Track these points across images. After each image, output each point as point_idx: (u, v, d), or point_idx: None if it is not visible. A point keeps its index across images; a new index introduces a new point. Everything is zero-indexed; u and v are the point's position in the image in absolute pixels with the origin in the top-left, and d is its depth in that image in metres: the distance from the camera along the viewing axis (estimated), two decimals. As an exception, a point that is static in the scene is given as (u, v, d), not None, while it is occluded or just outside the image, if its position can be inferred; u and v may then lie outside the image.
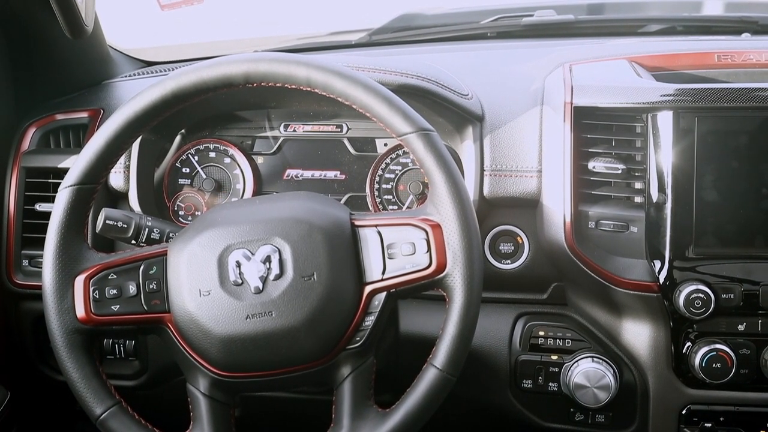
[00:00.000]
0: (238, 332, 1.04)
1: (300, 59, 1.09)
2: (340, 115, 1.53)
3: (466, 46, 1.75)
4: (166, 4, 1.60)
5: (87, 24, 1.39)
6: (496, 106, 1.44)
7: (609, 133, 1.32)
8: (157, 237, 1.21)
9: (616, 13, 1.86)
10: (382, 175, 1.52)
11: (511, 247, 1.43)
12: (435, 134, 1.08)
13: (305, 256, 1.05)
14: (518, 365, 1.42)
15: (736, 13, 1.73)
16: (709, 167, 1.26)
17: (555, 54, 1.53)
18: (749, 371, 1.30)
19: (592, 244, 1.32)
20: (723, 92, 1.27)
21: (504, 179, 1.40)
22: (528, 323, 1.44)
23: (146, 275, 1.10)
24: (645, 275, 1.30)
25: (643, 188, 1.30)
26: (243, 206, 1.17)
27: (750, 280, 1.27)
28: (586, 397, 1.35)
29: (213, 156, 1.56)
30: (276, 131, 1.56)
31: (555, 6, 1.80)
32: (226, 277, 1.06)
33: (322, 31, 2.03)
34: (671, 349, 1.33)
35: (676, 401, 1.35)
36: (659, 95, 1.29)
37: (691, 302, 1.26)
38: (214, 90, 1.11)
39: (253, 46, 1.93)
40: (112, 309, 1.09)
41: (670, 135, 1.27)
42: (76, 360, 1.08)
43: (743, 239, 1.28)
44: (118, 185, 1.47)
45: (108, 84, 1.65)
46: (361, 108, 1.08)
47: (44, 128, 1.55)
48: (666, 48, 1.51)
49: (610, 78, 1.38)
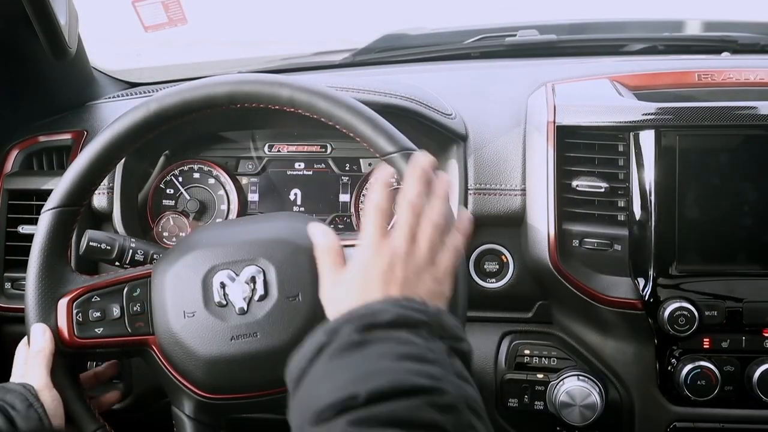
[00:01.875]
0: (222, 353, 1.04)
1: (283, 80, 1.10)
2: (324, 135, 1.53)
3: (449, 66, 1.76)
4: (149, 25, 1.59)
5: (70, 45, 1.39)
6: (479, 126, 1.44)
7: (592, 152, 1.33)
8: (141, 259, 1.20)
9: (598, 33, 1.87)
10: (366, 195, 1.52)
11: (496, 265, 1.43)
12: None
13: (290, 277, 1.05)
14: (504, 384, 1.42)
15: (716, 33, 1.75)
16: (691, 185, 1.27)
17: (538, 73, 1.54)
18: (734, 388, 1.30)
19: (576, 262, 1.32)
20: (704, 111, 1.28)
21: (488, 198, 1.40)
22: (513, 342, 1.44)
23: (130, 297, 1.09)
24: (629, 293, 1.30)
25: (626, 206, 1.31)
26: (227, 227, 1.16)
27: (733, 297, 1.28)
28: (572, 415, 1.35)
29: (197, 177, 1.56)
30: (260, 152, 1.56)
31: (537, 26, 1.81)
32: (211, 299, 1.05)
33: (305, 51, 2.04)
34: (656, 367, 1.34)
35: (661, 419, 1.36)
36: (641, 114, 1.30)
37: (675, 319, 1.26)
38: (198, 111, 1.11)
39: (236, 66, 1.93)
40: (96, 332, 1.08)
41: (652, 153, 1.28)
42: (59, 384, 1.08)
43: (726, 256, 1.29)
44: (101, 207, 1.46)
45: (91, 105, 1.64)
46: (345, 128, 1.09)
47: (27, 150, 1.54)
48: (647, 67, 1.53)
49: (592, 97, 1.39)
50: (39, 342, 1.08)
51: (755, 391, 1.28)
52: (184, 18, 1.62)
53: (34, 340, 1.08)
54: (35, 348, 1.08)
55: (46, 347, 1.08)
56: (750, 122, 1.28)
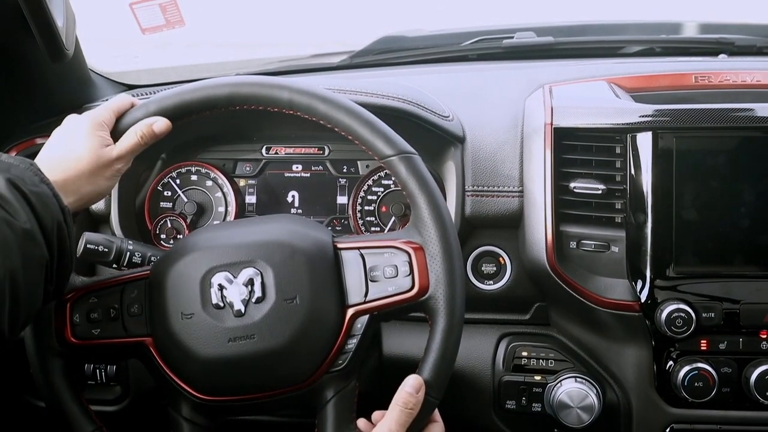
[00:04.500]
0: (220, 355, 1.04)
1: (283, 82, 1.10)
2: (321, 137, 1.53)
3: (447, 68, 1.76)
4: (147, 27, 1.59)
5: (68, 47, 1.38)
6: (477, 128, 1.45)
7: (589, 154, 1.33)
8: (138, 261, 1.20)
9: (595, 35, 1.87)
10: (364, 197, 1.52)
11: (494, 267, 1.44)
12: (417, 157, 1.08)
13: (287, 279, 1.05)
14: (501, 386, 1.42)
15: (713, 35, 1.75)
16: (688, 187, 1.27)
17: (535, 75, 1.54)
18: (731, 389, 1.31)
19: (573, 263, 1.32)
20: (701, 113, 1.29)
21: (485, 200, 1.40)
22: (511, 344, 1.44)
23: (128, 299, 1.09)
24: (626, 295, 1.30)
25: (623, 208, 1.31)
26: (225, 229, 1.16)
27: (730, 299, 1.28)
28: (569, 417, 1.35)
29: (195, 179, 1.56)
30: (258, 154, 1.56)
31: (534, 28, 1.81)
32: (209, 300, 1.05)
33: (303, 54, 2.04)
34: (653, 368, 1.34)
35: (658, 420, 1.36)
36: (638, 116, 1.30)
37: (673, 321, 1.26)
38: (197, 112, 1.11)
39: (234, 68, 1.93)
40: (93, 333, 1.08)
41: (649, 155, 1.28)
42: (56, 385, 1.08)
43: (723, 258, 1.29)
44: (99, 209, 1.46)
45: (89, 107, 1.64)
46: (343, 131, 1.09)
47: (24, 152, 1.54)
48: (644, 69, 1.53)
49: (589, 99, 1.39)
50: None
51: (752, 392, 1.29)
52: (181, 20, 1.62)
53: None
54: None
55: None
56: (747, 124, 1.29)
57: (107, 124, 1.11)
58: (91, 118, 1.10)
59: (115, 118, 1.13)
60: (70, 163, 1.06)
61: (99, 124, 1.10)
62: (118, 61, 2.12)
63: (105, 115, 1.11)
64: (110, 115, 1.12)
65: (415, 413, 1.01)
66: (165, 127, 1.11)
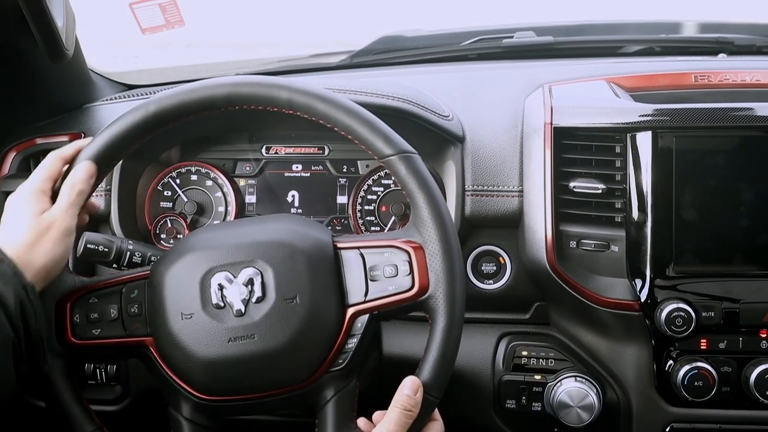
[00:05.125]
0: (220, 355, 1.04)
1: (282, 82, 1.10)
2: (321, 137, 1.53)
3: (446, 68, 1.76)
4: (147, 27, 1.59)
5: (67, 47, 1.38)
6: (476, 127, 1.45)
7: (589, 153, 1.33)
8: (138, 260, 1.20)
9: (595, 35, 1.88)
10: (364, 196, 1.52)
11: (494, 267, 1.44)
12: (417, 157, 1.08)
13: (287, 279, 1.05)
14: (501, 385, 1.42)
15: (713, 34, 1.75)
16: (688, 186, 1.28)
17: (534, 75, 1.54)
18: (731, 389, 1.31)
19: (573, 263, 1.32)
20: (701, 112, 1.29)
21: (485, 199, 1.40)
22: (511, 343, 1.44)
23: (128, 299, 1.09)
24: (626, 294, 1.30)
25: (623, 207, 1.31)
26: (225, 229, 1.16)
27: (730, 298, 1.28)
28: (569, 416, 1.35)
29: (195, 179, 1.56)
30: (258, 153, 1.56)
31: (534, 27, 1.81)
32: (209, 300, 1.05)
33: (303, 54, 2.04)
34: (653, 368, 1.34)
35: (658, 420, 1.36)
36: (638, 115, 1.30)
37: (673, 320, 1.27)
38: (196, 112, 1.11)
39: (234, 68, 1.93)
40: (93, 333, 1.08)
41: (649, 155, 1.28)
42: (56, 385, 1.08)
43: (722, 257, 1.29)
44: (99, 209, 1.46)
45: (89, 108, 1.64)
46: (343, 130, 1.09)
47: (24, 152, 1.54)
48: (644, 68, 1.53)
49: (589, 99, 1.39)
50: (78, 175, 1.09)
51: (752, 392, 1.29)
52: (181, 20, 1.62)
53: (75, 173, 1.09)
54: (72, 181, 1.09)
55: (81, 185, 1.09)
56: (746, 123, 1.29)
57: (44, 190, 1.08)
58: (25, 190, 1.08)
59: (51, 181, 1.10)
60: (15, 239, 1.03)
61: (34, 192, 1.07)
62: (118, 61, 2.11)
63: (37, 182, 1.09)
64: (44, 180, 1.09)
65: (414, 414, 1.00)
66: (87, 171, 1.10)
